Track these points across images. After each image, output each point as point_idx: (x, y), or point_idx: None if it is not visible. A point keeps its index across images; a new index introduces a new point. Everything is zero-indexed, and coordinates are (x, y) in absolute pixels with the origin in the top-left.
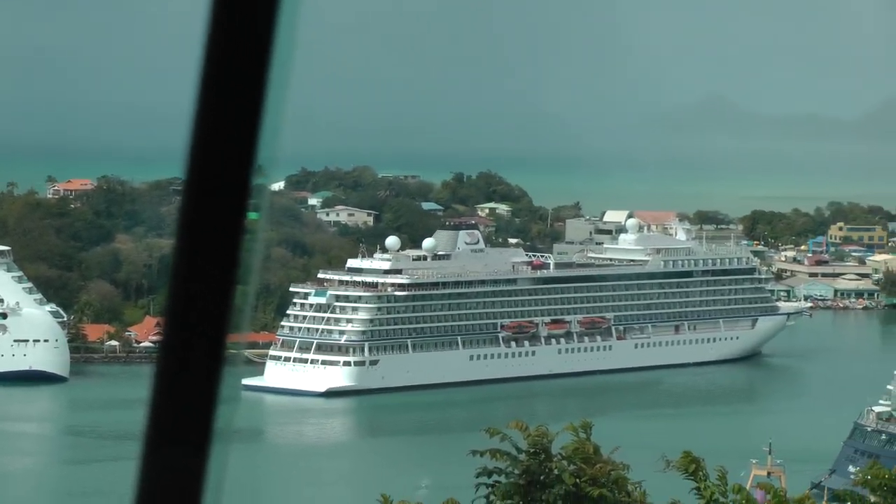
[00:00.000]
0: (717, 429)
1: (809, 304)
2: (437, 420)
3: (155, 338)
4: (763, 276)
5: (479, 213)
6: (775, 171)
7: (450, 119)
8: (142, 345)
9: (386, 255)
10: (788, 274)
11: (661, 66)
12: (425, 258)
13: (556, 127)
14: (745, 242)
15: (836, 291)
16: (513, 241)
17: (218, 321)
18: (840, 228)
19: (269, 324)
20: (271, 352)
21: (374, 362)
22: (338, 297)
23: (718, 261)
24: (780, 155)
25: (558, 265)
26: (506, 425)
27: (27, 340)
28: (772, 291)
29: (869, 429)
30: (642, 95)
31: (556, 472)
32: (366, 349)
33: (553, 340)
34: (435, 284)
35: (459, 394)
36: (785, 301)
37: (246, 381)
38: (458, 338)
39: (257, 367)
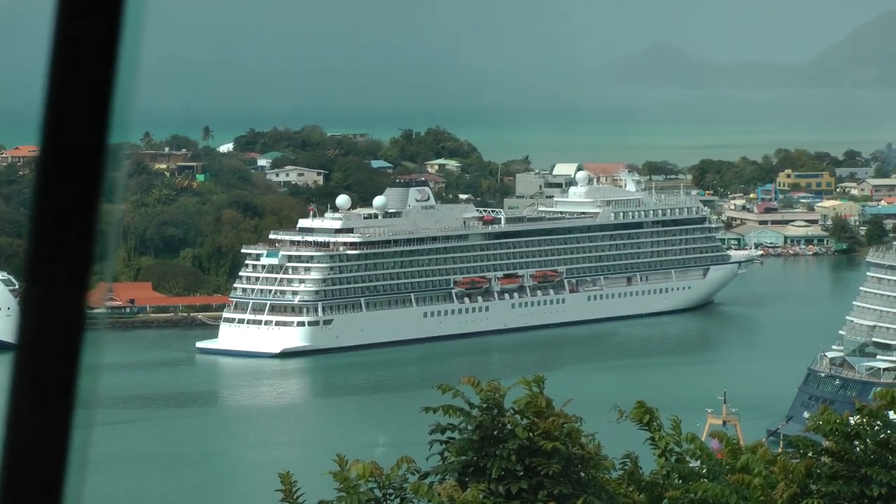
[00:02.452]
0: (671, 379)
1: (760, 252)
2: (392, 378)
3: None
4: (713, 226)
5: (429, 169)
6: (722, 120)
7: (397, 76)
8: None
9: (337, 215)
10: (738, 222)
11: (605, 15)
12: (376, 216)
13: (502, 81)
14: (695, 192)
15: (785, 238)
16: (463, 196)
17: (76, 285)
18: (788, 176)
19: (221, 286)
20: (225, 314)
21: (327, 322)
22: (290, 258)
23: (668, 211)
24: (726, 103)
25: (509, 220)
26: (458, 381)
27: None
28: (722, 240)
29: (822, 374)
30: (587, 46)
31: (509, 426)
32: (319, 309)
33: (506, 295)
34: (387, 242)
35: (414, 351)
36: (736, 249)
37: (200, 345)
38: (412, 295)
39: (211, 330)
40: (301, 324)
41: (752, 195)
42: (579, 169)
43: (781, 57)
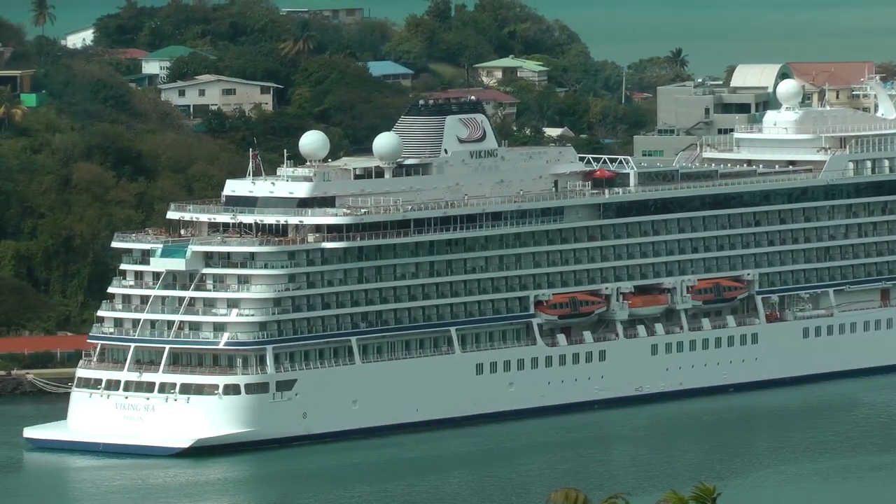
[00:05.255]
0: None
1: None
2: (418, 499)
3: None
4: None
5: (485, 79)
6: None
7: None
8: None
9: (302, 171)
10: None
11: None
12: (380, 174)
13: None
14: None
15: None
16: (555, 132)
17: None
18: None
19: (73, 315)
20: (79, 371)
21: (284, 385)
22: (210, 258)
23: None
24: None
25: (646, 178)
26: (546, 499)
27: None
28: None
29: None
30: None
31: None
32: (268, 360)
33: (640, 328)
34: (402, 226)
35: (459, 441)
36: None
37: (31, 433)
38: (452, 331)
39: (53, 403)
40: (232, 389)
41: None
42: (784, 76)
43: None
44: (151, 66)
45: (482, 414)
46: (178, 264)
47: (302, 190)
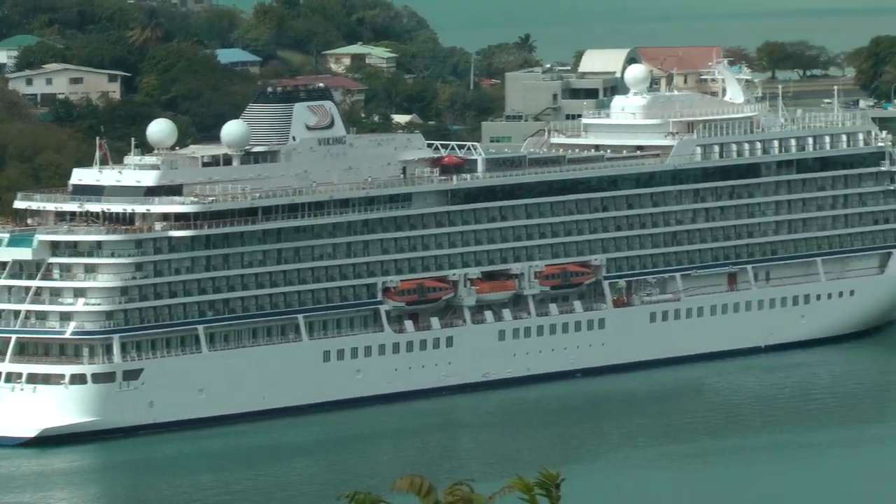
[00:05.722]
0: (821, 479)
1: None
2: (264, 486)
3: None
4: None
5: (334, 66)
6: None
7: None
8: None
9: (149, 159)
10: None
11: None
12: (228, 161)
13: None
14: (864, 103)
15: None
16: (403, 119)
17: None
18: None
19: None
20: None
21: (131, 374)
22: (56, 247)
23: (811, 142)
24: None
25: (493, 164)
26: (389, 487)
27: None
28: None
29: None
30: None
31: None
32: (115, 348)
33: (487, 314)
34: (249, 213)
35: (307, 428)
36: None
37: None
38: (300, 318)
39: None
40: (78, 378)
41: None
42: (632, 60)
43: None
44: None
45: (330, 401)
46: (24, 254)
47: (149, 178)
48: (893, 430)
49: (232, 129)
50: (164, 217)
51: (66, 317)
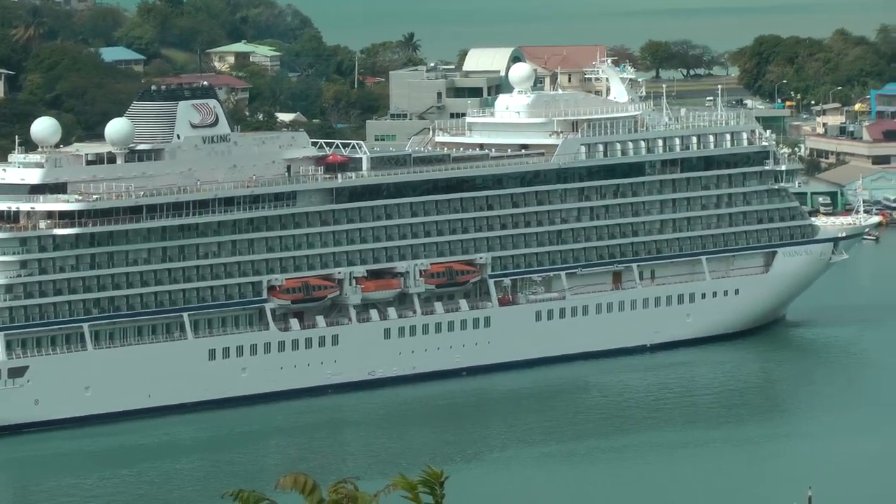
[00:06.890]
0: (703, 474)
1: (876, 218)
2: (147, 484)
3: None
4: (783, 168)
5: (218, 64)
6: None
7: None
8: None
9: (33, 157)
10: (832, 159)
11: None
12: (112, 160)
13: None
14: (749, 102)
15: None
16: (287, 118)
17: None
18: None
19: None
20: None
21: (15, 372)
22: None
23: (695, 140)
24: None
25: (378, 163)
26: (273, 485)
27: None
28: (801, 196)
29: None
30: None
31: None
32: (0, 346)
33: (373, 312)
34: (134, 212)
35: (189, 427)
36: (827, 214)
37: None
38: (185, 316)
39: None
40: None
41: (858, 106)
42: (516, 59)
43: None
44: None
45: (215, 399)
46: None
47: (33, 176)
48: (778, 428)
49: (116, 128)
50: (49, 215)
51: None
